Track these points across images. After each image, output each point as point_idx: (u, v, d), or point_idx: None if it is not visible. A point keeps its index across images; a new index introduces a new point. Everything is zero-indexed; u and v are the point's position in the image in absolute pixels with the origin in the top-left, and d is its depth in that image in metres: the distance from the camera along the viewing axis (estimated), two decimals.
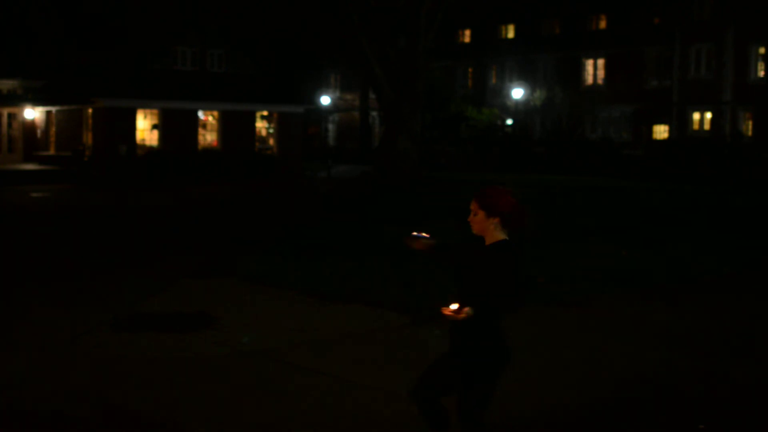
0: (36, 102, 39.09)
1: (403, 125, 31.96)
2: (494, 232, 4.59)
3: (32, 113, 39.70)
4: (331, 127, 63.38)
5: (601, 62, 48.25)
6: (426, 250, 4.95)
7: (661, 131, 45.51)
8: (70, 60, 38.59)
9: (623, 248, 14.27)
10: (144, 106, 36.24)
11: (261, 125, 40.61)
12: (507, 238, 4.60)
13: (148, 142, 36.58)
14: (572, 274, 11.79)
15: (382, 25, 34.29)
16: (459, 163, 45.63)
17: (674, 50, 43.85)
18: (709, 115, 42.94)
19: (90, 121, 36.63)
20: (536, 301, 10.07)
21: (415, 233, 4.97)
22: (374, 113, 56.11)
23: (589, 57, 48.66)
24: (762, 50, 41.09)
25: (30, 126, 39.89)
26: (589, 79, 48.96)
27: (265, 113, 40.42)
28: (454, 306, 4.36)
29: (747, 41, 41.13)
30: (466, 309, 4.35)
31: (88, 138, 36.81)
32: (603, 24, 48.62)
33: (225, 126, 38.45)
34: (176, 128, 36.75)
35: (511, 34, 53.46)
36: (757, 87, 40.94)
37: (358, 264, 12.34)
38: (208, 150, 37.89)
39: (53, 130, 39.17)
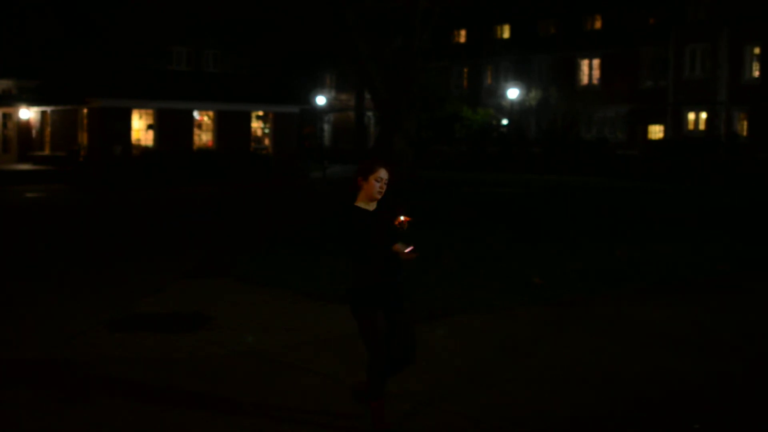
0: (31, 102, 39.04)
1: (398, 125, 31.95)
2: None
3: (27, 113, 39.63)
4: (326, 127, 63.37)
5: (596, 62, 48.31)
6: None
7: (656, 131, 45.58)
8: (66, 60, 38.56)
9: (617, 248, 14.29)
10: (139, 106, 36.21)
11: (256, 125, 40.60)
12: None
13: (143, 142, 36.55)
14: (567, 274, 11.81)
15: (378, 25, 34.27)
16: (454, 163, 45.66)
17: (669, 50, 43.92)
18: (704, 115, 43.02)
19: (85, 122, 36.59)
20: (532, 302, 10.08)
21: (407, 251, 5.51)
22: (369, 113, 56.13)
23: (584, 57, 48.71)
24: (756, 50, 41.18)
25: (25, 126, 39.83)
26: (585, 79, 49.01)
27: (260, 113, 40.41)
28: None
29: (742, 41, 41.22)
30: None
31: (83, 138, 36.76)
32: (598, 24, 48.68)
33: (220, 126, 38.43)
34: (171, 128, 36.73)
35: (506, 35, 53.49)
36: (752, 87, 41.04)
37: None
38: (204, 150, 37.87)
39: (48, 130, 39.12)
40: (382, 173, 5.50)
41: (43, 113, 39.31)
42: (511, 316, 9.38)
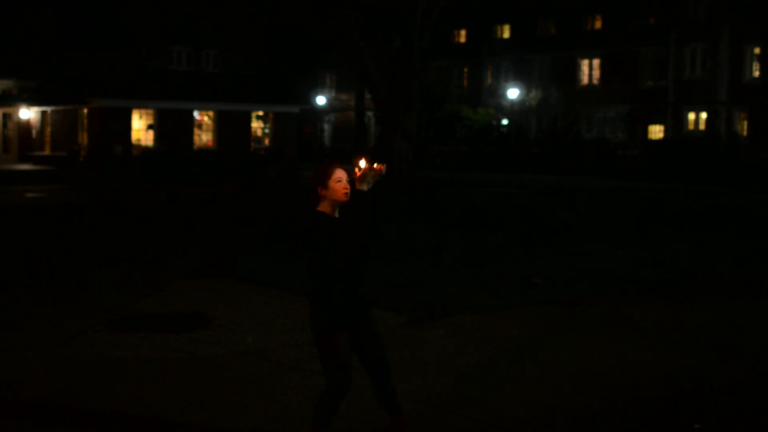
0: (31, 102, 39.03)
1: (398, 125, 31.97)
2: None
3: (27, 113, 39.63)
4: (326, 127, 63.35)
5: (596, 62, 48.32)
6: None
7: (656, 131, 45.58)
8: (66, 60, 38.57)
9: (617, 248, 14.29)
10: (139, 106, 36.20)
11: (256, 125, 40.60)
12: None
13: (143, 142, 36.56)
14: (567, 274, 11.80)
15: (378, 25, 34.26)
16: (454, 163, 45.66)
17: (669, 50, 43.92)
18: (704, 115, 43.02)
19: (85, 121, 36.60)
20: (532, 302, 10.08)
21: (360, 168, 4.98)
22: (370, 113, 56.11)
23: (584, 57, 48.71)
24: (757, 50, 41.19)
25: (25, 126, 39.83)
26: (585, 79, 49.02)
27: (260, 113, 40.40)
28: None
29: (742, 41, 41.22)
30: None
31: (83, 138, 36.77)
32: (598, 24, 48.70)
33: (220, 126, 38.43)
34: (172, 128, 36.72)
35: (506, 34, 53.51)
36: (752, 87, 41.04)
37: None
38: (204, 150, 37.86)
39: (48, 130, 39.13)
40: (340, 173, 4.99)
41: (43, 113, 39.31)
42: (511, 316, 9.37)
